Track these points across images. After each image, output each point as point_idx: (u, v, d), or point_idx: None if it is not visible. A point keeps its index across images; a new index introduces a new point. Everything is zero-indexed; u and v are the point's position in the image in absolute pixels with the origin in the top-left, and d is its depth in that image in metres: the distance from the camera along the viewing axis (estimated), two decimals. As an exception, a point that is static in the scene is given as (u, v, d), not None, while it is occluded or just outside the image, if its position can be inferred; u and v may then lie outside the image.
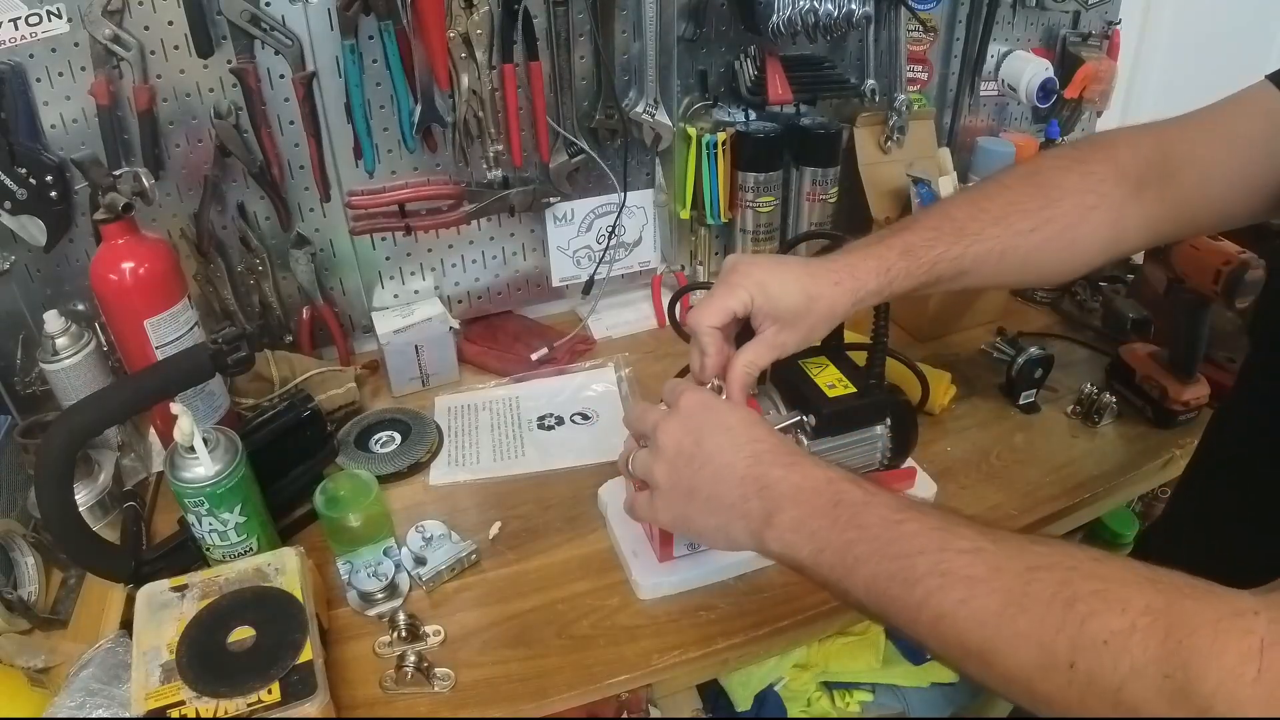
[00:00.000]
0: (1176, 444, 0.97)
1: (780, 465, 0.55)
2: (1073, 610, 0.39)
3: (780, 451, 0.56)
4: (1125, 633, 0.37)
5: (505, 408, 1.07)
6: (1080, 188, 0.68)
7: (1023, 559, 0.43)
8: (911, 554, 0.46)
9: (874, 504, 0.50)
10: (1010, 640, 0.41)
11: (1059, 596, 0.40)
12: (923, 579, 0.45)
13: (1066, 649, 0.39)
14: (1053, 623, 0.39)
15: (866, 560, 0.48)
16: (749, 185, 1.18)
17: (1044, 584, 0.41)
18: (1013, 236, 0.68)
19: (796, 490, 0.53)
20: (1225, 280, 0.88)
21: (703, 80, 1.15)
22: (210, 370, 0.79)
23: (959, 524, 0.46)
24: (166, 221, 0.98)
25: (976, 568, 0.43)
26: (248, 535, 0.75)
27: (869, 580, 0.48)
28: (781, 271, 0.66)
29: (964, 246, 0.67)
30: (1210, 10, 1.57)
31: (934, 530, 0.46)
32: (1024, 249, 0.68)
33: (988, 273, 0.69)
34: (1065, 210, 0.67)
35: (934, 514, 0.48)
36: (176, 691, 0.60)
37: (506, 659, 0.74)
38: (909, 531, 0.47)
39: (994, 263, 0.68)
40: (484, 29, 0.96)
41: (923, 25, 1.24)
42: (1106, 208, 0.67)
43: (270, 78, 0.94)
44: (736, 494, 0.55)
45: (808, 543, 0.51)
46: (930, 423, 1.00)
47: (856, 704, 1.22)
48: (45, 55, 0.85)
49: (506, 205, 1.11)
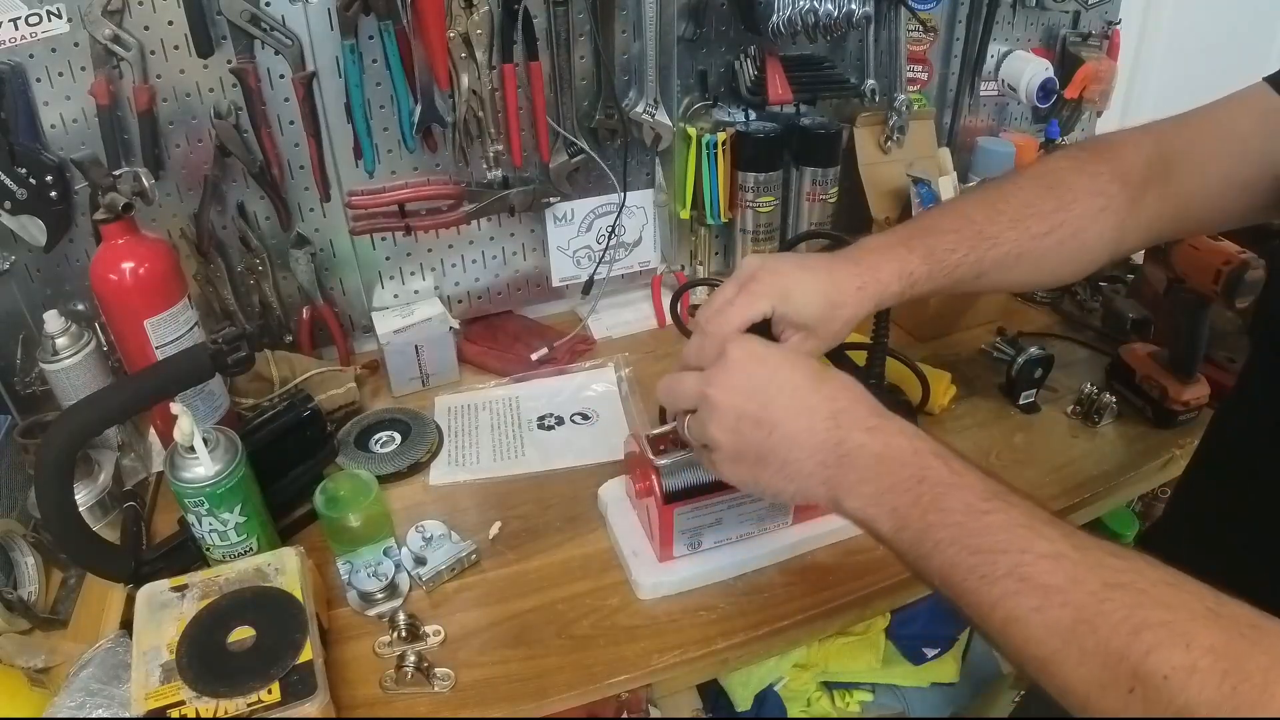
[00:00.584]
0: (1176, 444, 0.97)
1: (861, 428, 0.52)
2: (1139, 639, 0.40)
3: (859, 411, 0.53)
4: (1186, 670, 0.38)
5: (505, 408, 1.07)
6: (1090, 189, 0.68)
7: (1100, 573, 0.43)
8: (993, 550, 0.45)
9: (960, 487, 0.48)
10: (1076, 655, 0.42)
11: (1129, 621, 0.40)
12: (1000, 579, 0.44)
13: (1128, 675, 0.40)
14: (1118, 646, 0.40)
15: (946, 547, 0.47)
16: (749, 185, 1.18)
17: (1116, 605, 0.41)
18: (1029, 240, 0.67)
19: (878, 461, 0.51)
20: (1225, 280, 0.88)
21: (703, 80, 1.15)
22: (210, 370, 0.79)
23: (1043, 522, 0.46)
24: (166, 221, 0.98)
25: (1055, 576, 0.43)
26: (248, 535, 0.75)
27: (946, 567, 0.47)
28: (804, 278, 0.64)
29: (984, 251, 0.67)
30: (1210, 10, 1.57)
31: (1018, 527, 0.46)
32: (1038, 252, 0.68)
33: (1001, 275, 0.69)
34: (1077, 214, 0.68)
35: (1020, 506, 0.47)
36: (176, 691, 0.60)
37: (506, 659, 0.74)
38: (993, 524, 0.46)
39: (1010, 265, 0.68)
40: (484, 29, 0.96)
41: (923, 25, 1.24)
42: (1113, 210, 0.68)
43: (270, 78, 0.94)
44: (814, 461, 0.53)
45: (889, 518, 0.50)
46: (930, 423, 1.00)
47: (856, 704, 1.22)
48: (45, 55, 0.85)
49: (506, 205, 1.11)
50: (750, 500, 0.79)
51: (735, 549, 0.81)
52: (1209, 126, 0.66)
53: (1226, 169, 0.65)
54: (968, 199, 0.73)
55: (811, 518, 0.83)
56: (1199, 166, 0.66)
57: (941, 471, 0.49)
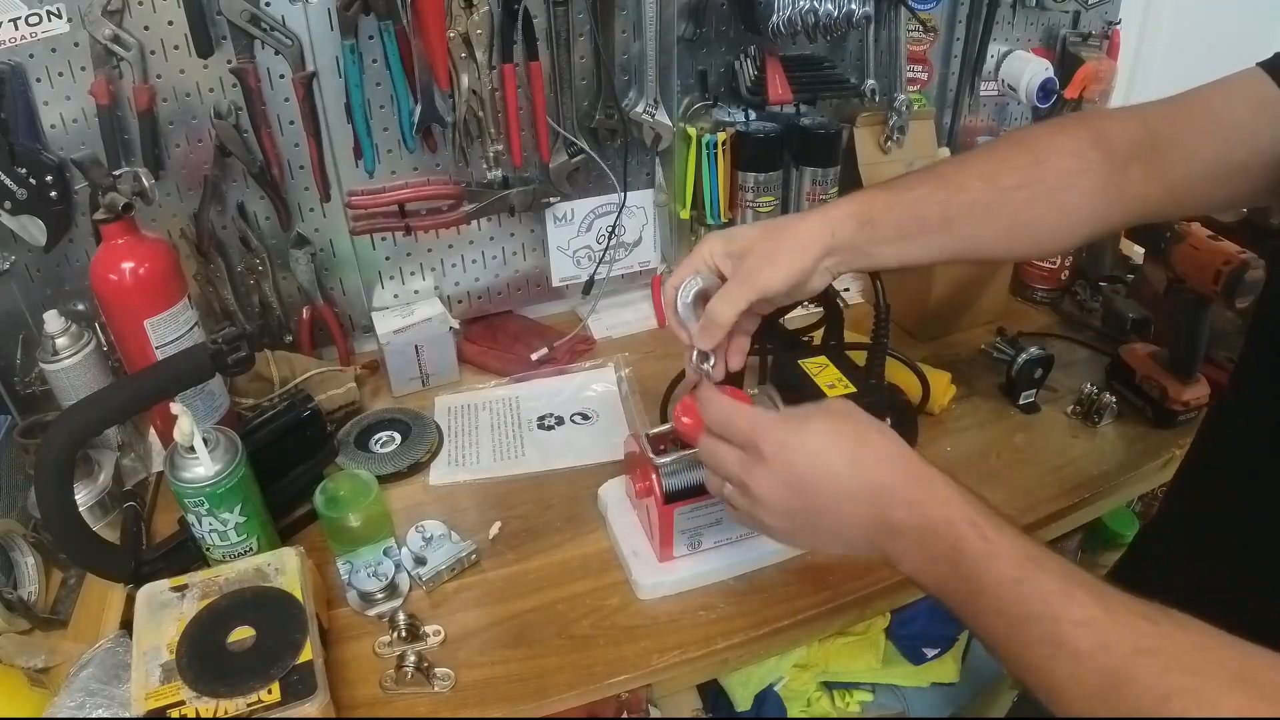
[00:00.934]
0: (1176, 444, 0.97)
1: (902, 505, 0.54)
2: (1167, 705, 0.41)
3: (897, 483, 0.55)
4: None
5: (505, 408, 1.07)
6: (1068, 150, 0.67)
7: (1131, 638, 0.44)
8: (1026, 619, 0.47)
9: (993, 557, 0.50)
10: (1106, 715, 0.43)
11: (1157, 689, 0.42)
12: (1034, 645, 0.47)
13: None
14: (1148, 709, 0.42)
15: (984, 614, 0.50)
16: (749, 185, 1.18)
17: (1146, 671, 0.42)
18: (998, 192, 0.67)
19: (919, 535, 0.53)
20: (1225, 280, 0.88)
21: (703, 80, 1.15)
22: (210, 370, 0.79)
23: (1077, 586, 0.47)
24: (166, 221, 0.98)
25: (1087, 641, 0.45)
26: (248, 535, 0.76)
27: (986, 631, 0.50)
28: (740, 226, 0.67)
29: (949, 194, 0.67)
30: (1210, 10, 1.57)
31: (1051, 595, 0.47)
32: (1011, 206, 0.67)
33: (976, 230, 0.68)
34: (1052, 170, 0.67)
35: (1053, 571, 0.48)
36: (176, 691, 0.60)
37: (506, 659, 0.74)
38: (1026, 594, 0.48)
39: (980, 217, 0.68)
40: (484, 29, 0.96)
41: (923, 25, 1.24)
42: (1094, 174, 0.67)
43: (270, 78, 0.94)
44: (862, 539, 0.56)
45: (932, 585, 0.53)
46: (930, 423, 1.00)
47: (856, 704, 1.22)
48: (45, 55, 0.85)
49: (506, 205, 1.11)
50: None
51: (735, 549, 0.81)
52: (1198, 111, 0.65)
53: (1215, 154, 0.64)
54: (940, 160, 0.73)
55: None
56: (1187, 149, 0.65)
57: (975, 544, 0.51)
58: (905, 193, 0.68)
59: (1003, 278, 1.21)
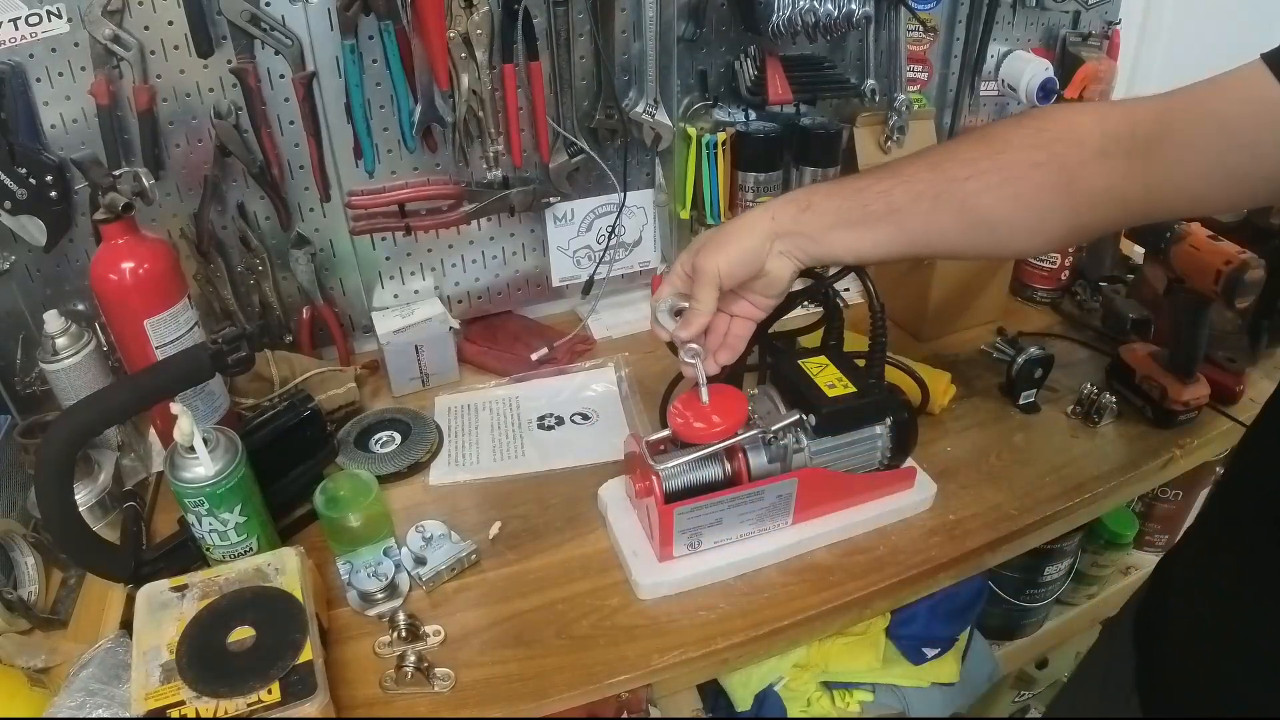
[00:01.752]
0: (1176, 444, 0.97)
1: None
2: None
3: None
4: None
5: (505, 408, 1.07)
6: (1028, 143, 0.66)
7: None
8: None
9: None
10: None
11: None
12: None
13: None
14: None
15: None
16: (749, 185, 1.18)
17: None
18: (946, 182, 0.67)
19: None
20: (1225, 280, 0.88)
21: (703, 80, 1.15)
22: (210, 370, 0.79)
23: None
24: (166, 221, 0.98)
25: None
26: (248, 535, 0.76)
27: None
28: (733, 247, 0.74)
29: (895, 183, 0.69)
30: (1210, 10, 1.57)
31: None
32: (959, 196, 0.67)
33: (926, 221, 0.69)
34: (1007, 161, 0.66)
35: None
36: (176, 691, 0.60)
37: (506, 659, 0.74)
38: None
39: (927, 207, 0.68)
40: (484, 29, 0.96)
41: (923, 25, 1.24)
42: (1056, 167, 0.64)
43: (270, 78, 0.94)
44: None
45: None
46: (930, 423, 1.00)
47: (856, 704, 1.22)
48: (45, 55, 0.85)
49: (506, 205, 1.11)
50: (750, 500, 0.79)
51: (735, 549, 0.81)
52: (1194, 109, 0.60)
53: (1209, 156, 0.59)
54: None
55: (811, 518, 0.83)
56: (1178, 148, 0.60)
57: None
58: (851, 183, 0.72)
59: (1002, 278, 1.21)
